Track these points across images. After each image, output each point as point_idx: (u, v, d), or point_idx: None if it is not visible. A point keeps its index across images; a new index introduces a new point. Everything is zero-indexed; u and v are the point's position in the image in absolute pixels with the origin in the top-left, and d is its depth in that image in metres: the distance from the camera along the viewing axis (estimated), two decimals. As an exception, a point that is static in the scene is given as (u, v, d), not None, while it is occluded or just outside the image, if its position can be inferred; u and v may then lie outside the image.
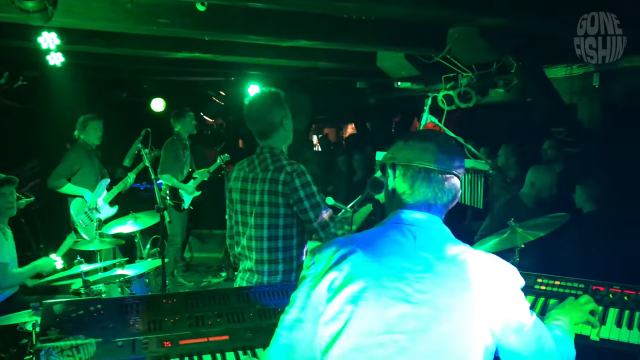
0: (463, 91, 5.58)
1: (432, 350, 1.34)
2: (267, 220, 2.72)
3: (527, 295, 2.44)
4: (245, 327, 2.34)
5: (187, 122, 6.20)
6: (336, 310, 1.40)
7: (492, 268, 1.42)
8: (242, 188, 2.82)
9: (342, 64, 6.17)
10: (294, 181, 2.65)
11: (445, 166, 1.47)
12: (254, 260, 2.78)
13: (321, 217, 2.67)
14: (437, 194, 1.47)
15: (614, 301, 2.28)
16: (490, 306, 1.37)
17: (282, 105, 2.78)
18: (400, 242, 1.44)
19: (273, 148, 2.78)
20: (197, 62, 6.33)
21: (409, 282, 1.38)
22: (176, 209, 6.25)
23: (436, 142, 1.51)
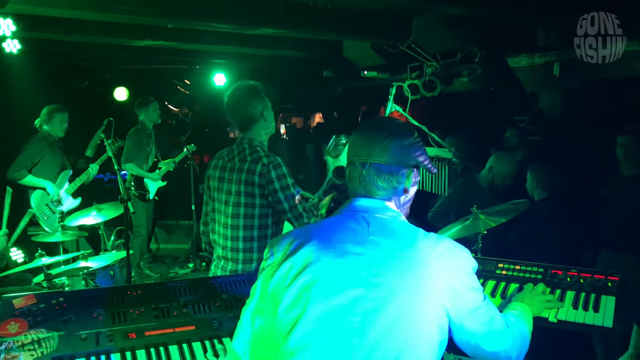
0: (428, 80, 5.64)
1: (386, 330, 1.38)
2: (244, 210, 2.78)
3: (489, 280, 2.50)
4: (212, 317, 2.34)
5: (150, 111, 6.10)
6: (293, 298, 1.43)
7: (444, 250, 1.46)
8: (220, 177, 2.88)
9: (309, 53, 6.16)
10: (270, 173, 2.71)
11: (397, 156, 1.50)
12: (230, 248, 2.84)
13: (295, 209, 2.73)
14: (388, 183, 1.51)
15: (571, 284, 2.36)
16: (444, 288, 1.41)
17: (261, 97, 2.84)
18: (354, 229, 1.47)
19: (252, 139, 2.83)
20: (162, 50, 6.23)
21: (362, 266, 1.42)
22: (141, 199, 6.16)
23: (387, 135, 1.51)
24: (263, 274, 1.55)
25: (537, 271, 2.46)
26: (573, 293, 2.31)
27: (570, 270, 2.41)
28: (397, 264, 1.42)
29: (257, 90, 2.84)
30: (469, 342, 1.51)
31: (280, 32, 4.69)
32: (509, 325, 1.59)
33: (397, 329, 1.37)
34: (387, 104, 3.55)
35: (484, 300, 1.50)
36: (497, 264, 2.56)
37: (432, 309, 1.40)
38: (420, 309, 1.39)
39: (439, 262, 1.43)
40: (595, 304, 2.24)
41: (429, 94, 5.79)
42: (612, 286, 2.30)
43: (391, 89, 3.55)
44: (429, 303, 1.39)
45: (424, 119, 11.02)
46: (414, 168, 1.55)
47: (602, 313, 2.19)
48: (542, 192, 4.19)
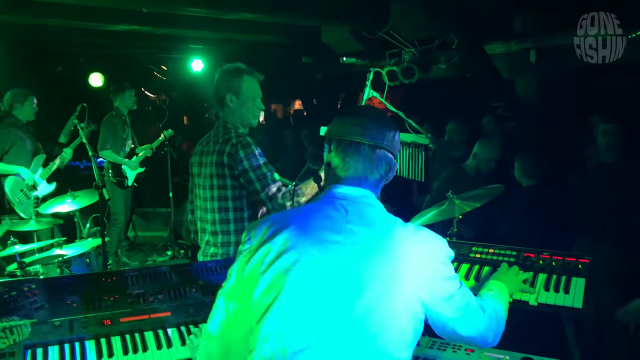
0: (406, 67, 5.64)
1: (359, 318, 1.39)
2: (217, 192, 2.76)
3: (463, 263, 2.54)
4: (188, 303, 2.34)
5: (126, 97, 6.02)
6: (269, 283, 1.44)
7: (420, 239, 1.48)
8: (199, 162, 2.87)
9: (287, 39, 6.12)
10: (239, 152, 2.68)
11: (375, 140, 1.51)
12: (210, 232, 2.83)
13: (268, 188, 2.69)
14: (367, 168, 1.51)
15: (544, 266, 2.40)
16: (418, 276, 1.43)
17: (235, 81, 2.78)
18: (332, 217, 1.48)
19: (226, 122, 2.81)
20: (138, 35, 6.12)
21: (338, 254, 1.43)
22: (119, 186, 6.09)
23: (368, 116, 1.54)
24: (240, 257, 1.55)
25: (510, 254, 2.50)
26: (545, 275, 2.35)
27: (542, 253, 2.45)
28: (374, 252, 1.43)
29: (234, 72, 2.79)
30: (445, 329, 1.54)
31: (258, 17, 4.64)
32: (485, 310, 1.62)
33: (371, 317, 1.39)
34: (364, 90, 3.54)
35: (460, 287, 1.52)
36: (471, 247, 2.60)
37: (407, 297, 1.41)
38: (394, 298, 1.40)
39: (415, 251, 1.44)
40: (566, 286, 2.28)
41: (407, 80, 5.79)
42: (582, 268, 2.34)
43: (368, 74, 3.54)
44: (404, 292, 1.41)
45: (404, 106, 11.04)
46: (392, 154, 1.56)
47: (573, 294, 2.23)
48: (529, 180, 4.26)
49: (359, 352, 1.38)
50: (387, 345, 1.39)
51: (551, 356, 2.24)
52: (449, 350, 2.32)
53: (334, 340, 1.38)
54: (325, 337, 1.39)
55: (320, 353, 1.38)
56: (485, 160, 4.52)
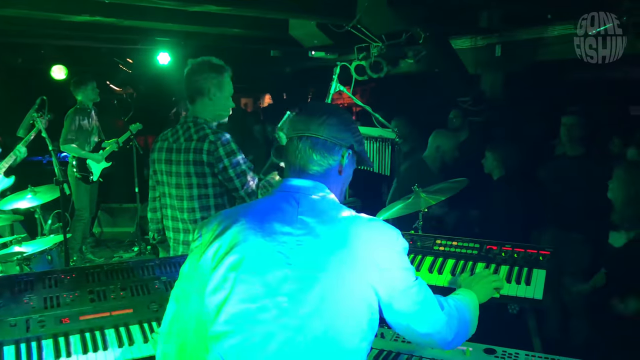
0: (374, 61, 5.65)
1: (313, 310, 1.38)
2: (197, 191, 2.72)
3: (427, 256, 2.56)
4: (151, 300, 2.31)
5: (88, 90, 5.90)
6: (220, 279, 1.42)
7: (374, 231, 1.47)
8: (167, 159, 2.79)
9: (255, 32, 6.05)
10: (218, 150, 2.65)
11: (326, 135, 1.51)
12: (187, 232, 2.78)
13: (248, 185, 2.68)
14: (319, 163, 1.51)
15: (506, 259, 2.45)
16: (373, 268, 1.42)
17: (214, 76, 2.76)
18: (283, 209, 1.48)
19: (197, 117, 2.76)
20: (101, 27, 5.95)
21: (290, 245, 1.42)
22: (84, 181, 5.96)
23: (324, 112, 1.54)
24: (191, 255, 1.54)
25: (473, 247, 2.54)
26: (507, 267, 2.40)
27: (504, 246, 2.49)
28: (326, 243, 1.42)
29: (216, 68, 2.77)
30: (400, 323, 1.51)
31: (224, 10, 4.57)
32: (444, 307, 1.59)
33: (325, 308, 1.38)
34: (331, 84, 3.54)
35: (416, 280, 1.51)
36: (435, 240, 2.63)
37: (360, 288, 1.40)
38: (347, 288, 1.39)
39: (368, 242, 1.43)
40: (527, 278, 2.33)
41: (375, 75, 5.80)
42: (543, 260, 2.39)
43: (335, 68, 3.54)
44: (357, 282, 1.40)
45: (373, 101, 11.12)
46: (349, 149, 1.56)
47: (533, 286, 2.28)
48: (501, 171, 4.32)
49: (313, 343, 1.37)
50: (342, 337, 1.39)
51: (513, 346, 2.28)
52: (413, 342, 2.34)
53: (289, 332, 1.37)
54: (281, 330, 1.38)
55: (276, 346, 1.37)
56: (450, 150, 4.56)
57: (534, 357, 2.19)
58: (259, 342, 1.38)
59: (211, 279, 1.44)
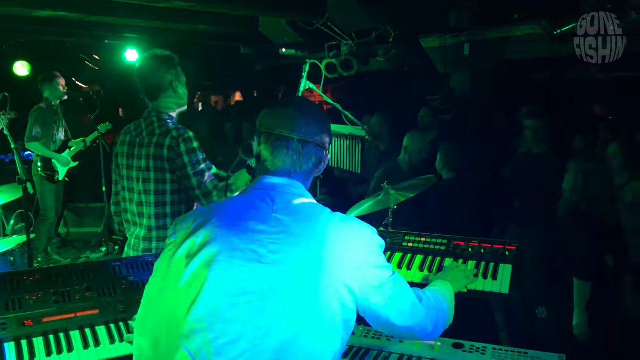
0: (345, 59, 5.67)
1: (285, 308, 1.37)
2: (154, 186, 2.68)
3: (396, 252, 2.58)
4: (117, 300, 2.27)
5: (55, 87, 5.76)
6: (192, 276, 1.41)
7: (349, 229, 1.46)
8: (129, 153, 2.76)
9: (224, 29, 6.00)
10: (180, 146, 2.62)
11: (305, 135, 1.50)
12: (144, 227, 2.73)
13: (204, 186, 2.65)
14: (296, 162, 1.50)
15: (473, 254, 2.48)
16: (347, 264, 1.41)
17: (172, 67, 2.73)
18: (258, 207, 1.46)
19: (161, 112, 2.72)
20: (66, 22, 5.83)
21: (263, 243, 1.41)
22: (49, 180, 5.82)
23: (298, 110, 1.52)
24: (165, 251, 1.52)
25: (442, 242, 2.57)
26: (474, 262, 2.43)
27: (472, 241, 2.53)
28: (300, 242, 1.41)
29: (171, 59, 2.74)
30: (379, 319, 1.52)
31: (192, 6, 4.53)
32: (422, 299, 1.61)
33: (297, 306, 1.37)
34: (300, 81, 3.53)
35: (392, 275, 1.51)
36: (404, 237, 2.65)
37: (335, 286, 1.40)
38: (321, 288, 1.38)
39: (343, 240, 1.43)
40: (494, 272, 2.36)
41: (346, 73, 5.83)
42: (509, 255, 2.44)
43: (304, 66, 3.54)
44: (331, 281, 1.39)
45: (345, 98, 11.15)
46: (322, 147, 1.55)
47: (500, 281, 2.32)
48: (449, 172, 4.37)
49: (285, 342, 1.36)
50: (315, 336, 1.38)
51: (481, 340, 2.32)
52: (383, 338, 2.35)
53: (260, 331, 1.36)
54: (252, 329, 1.37)
55: (250, 343, 1.36)
56: (416, 151, 4.60)
57: (501, 351, 2.23)
58: (228, 341, 1.36)
59: (184, 275, 1.42)
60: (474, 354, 2.22)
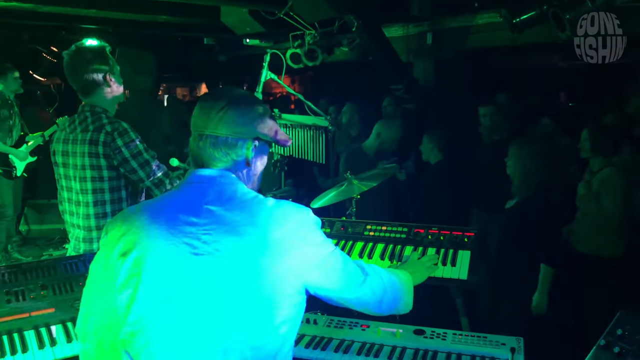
0: (309, 49, 5.64)
1: (225, 298, 1.35)
2: (91, 185, 2.57)
3: (358, 241, 2.60)
4: (75, 298, 2.22)
5: (9, 80, 5.59)
6: (126, 276, 1.38)
7: (282, 213, 1.44)
8: (64, 150, 2.64)
9: (185, 19, 5.90)
10: (115, 141, 2.52)
11: (230, 132, 1.46)
12: (84, 228, 2.63)
13: (153, 175, 2.57)
14: (227, 156, 1.47)
15: (432, 241, 2.52)
16: (285, 248, 1.40)
17: (105, 60, 2.61)
18: (188, 200, 1.43)
19: (95, 106, 2.60)
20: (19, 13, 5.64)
21: (196, 236, 1.38)
22: (6, 176, 5.66)
23: (222, 105, 1.46)
24: (98, 253, 1.48)
25: (402, 230, 2.59)
26: (434, 249, 2.46)
27: (431, 229, 2.56)
28: (234, 230, 1.39)
29: (102, 52, 2.61)
30: (329, 295, 1.51)
31: (151, -4, 4.44)
32: (369, 273, 1.60)
33: (238, 296, 1.35)
34: (261, 72, 3.50)
35: (333, 250, 1.50)
36: (366, 226, 2.66)
37: (275, 271, 1.38)
38: (262, 273, 1.37)
39: (278, 224, 1.41)
40: (453, 259, 2.40)
41: (311, 63, 5.80)
42: (468, 241, 2.47)
43: (265, 56, 3.50)
44: (271, 266, 1.37)
45: (311, 89, 11.09)
46: (255, 140, 1.51)
47: (459, 267, 2.35)
48: (438, 155, 4.42)
49: (231, 332, 1.34)
50: (262, 323, 1.37)
51: (442, 326, 2.36)
52: (345, 327, 2.37)
53: (201, 326, 1.34)
54: (192, 326, 1.34)
55: (191, 340, 1.34)
56: (389, 141, 4.62)
57: (461, 336, 2.27)
58: (169, 341, 1.34)
59: (119, 276, 1.39)
60: (434, 340, 2.26)
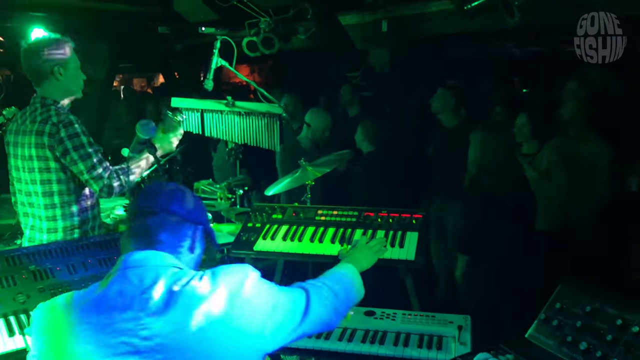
0: (265, 37, 5.59)
1: None
2: (39, 176, 2.57)
3: (309, 226, 2.61)
4: (17, 291, 2.17)
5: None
6: None
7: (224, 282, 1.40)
8: (14, 141, 2.64)
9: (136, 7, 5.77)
10: (60, 132, 2.50)
11: (179, 214, 1.49)
12: (35, 217, 2.65)
13: (94, 169, 2.53)
14: (170, 242, 1.46)
15: (382, 224, 2.56)
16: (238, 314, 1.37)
17: (58, 53, 2.59)
18: (123, 291, 1.36)
19: (45, 98, 2.60)
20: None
21: (133, 332, 1.31)
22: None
23: (171, 189, 1.53)
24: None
25: (352, 214, 2.63)
26: (383, 232, 2.50)
27: (381, 212, 2.60)
28: (175, 316, 1.33)
29: (58, 44, 2.59)
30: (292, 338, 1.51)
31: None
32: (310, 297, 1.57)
33: None
34: (212, 59, 3.46)
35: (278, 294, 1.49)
36: (317, 211, 2.68)
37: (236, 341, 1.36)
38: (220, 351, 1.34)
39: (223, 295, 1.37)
40: (401, 240, 2.44)
41: (267, 51, 5.74)
42: (416, 223, 2.52)
43: (215, 42, 3.46)
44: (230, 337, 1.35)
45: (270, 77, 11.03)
46: (199, 225, 1.54)
47: (407, 248, 2.40)
48: (370, 146, 4.42)
49: None
50: None
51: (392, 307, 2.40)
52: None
53: None
54: None
55: None
56: (320, 130, 4.61)
57: (410, 316, 2.32)
58: None
59: None
60: (384, 320, 2.30)
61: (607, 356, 1.71)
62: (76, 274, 2.30)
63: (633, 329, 1.71)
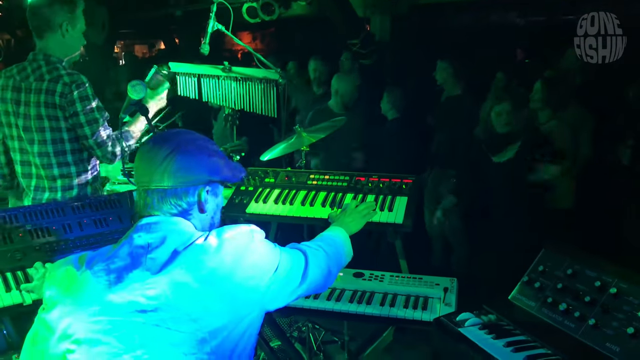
0: (265, 3, 5.54)
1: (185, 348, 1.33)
2: (50, 135, 2.55)
3: (301, 190, 2.65)
4: (14, 249, 2.22)
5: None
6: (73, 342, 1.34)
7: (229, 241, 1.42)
8: (13, 99, 2.57)
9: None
10: (73, 93, 2.48)
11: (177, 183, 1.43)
12: (45, 177, 2.61)
13: (98, 134, 2.54)
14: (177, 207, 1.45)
15: (372, 188, 2.59)
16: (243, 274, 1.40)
17: (68, 9, 2.55)
18: (132, 253, 1.38)
19: (49, 55, 2.55)
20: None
21: (140, 291, 1.33)
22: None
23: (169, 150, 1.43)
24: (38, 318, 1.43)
25: (344, 179, 2.66)
26: (373, 196, 2.53)
27: (372, 177, 2.63)
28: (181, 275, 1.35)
29: (70, 1, 2.55)
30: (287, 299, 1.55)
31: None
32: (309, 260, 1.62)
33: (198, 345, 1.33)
34: (208, 22, 3.44)
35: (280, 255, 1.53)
36: (309, 175, 2.71)
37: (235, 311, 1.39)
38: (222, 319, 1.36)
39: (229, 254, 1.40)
40: (390, 204, 2.48)
41: (267, 17, 5.70)
42: (405, 188, 2.55)
43: (212, 6, 3.43)
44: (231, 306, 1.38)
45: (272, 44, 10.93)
46: (206, 184, 1.47)
47: (395, 212, 2.43)
48: (395, 113, 4.46)
49: None
50: None
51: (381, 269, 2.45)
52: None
53: None
54: None
55: None
56: (349, 94, 4.62)
57: (398, 277, 2.37)
58: None
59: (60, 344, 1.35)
60: (372, 282, 2.36)
61: (584, 317, 1.76)
62: (71, 234, 2.33)
63: (611, 290, 1.76)
